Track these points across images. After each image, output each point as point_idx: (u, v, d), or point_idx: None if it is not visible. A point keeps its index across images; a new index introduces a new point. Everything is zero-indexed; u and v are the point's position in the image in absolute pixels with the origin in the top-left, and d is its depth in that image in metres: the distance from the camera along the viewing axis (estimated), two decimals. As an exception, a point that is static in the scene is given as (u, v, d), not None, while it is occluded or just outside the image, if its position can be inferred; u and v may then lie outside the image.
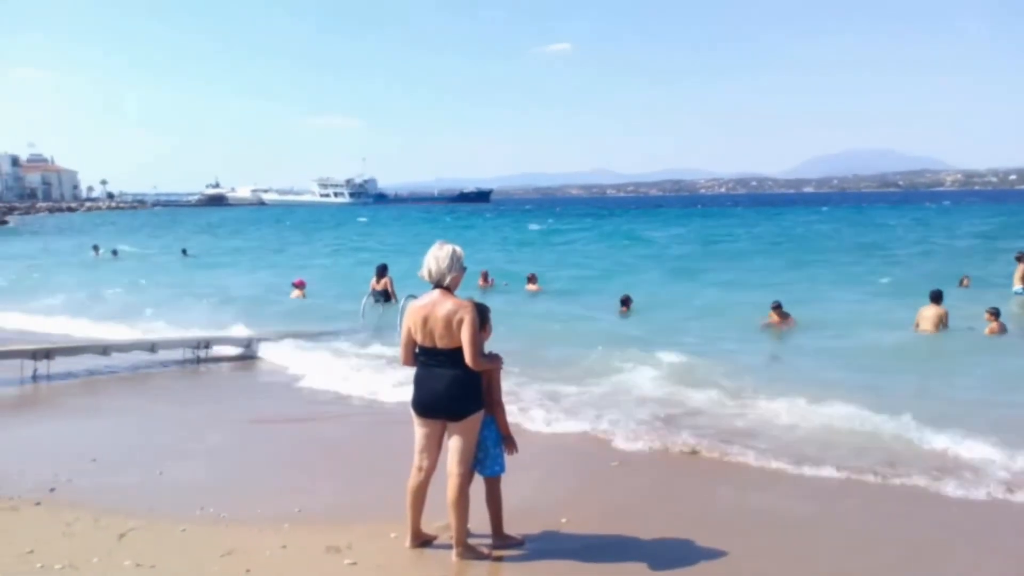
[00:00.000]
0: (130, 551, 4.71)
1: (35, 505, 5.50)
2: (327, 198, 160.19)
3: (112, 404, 9.04)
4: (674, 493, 6.02)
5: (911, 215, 67.55)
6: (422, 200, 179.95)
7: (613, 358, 10.32)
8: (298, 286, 18.04)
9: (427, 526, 4.84)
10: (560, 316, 14.97)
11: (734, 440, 7.06)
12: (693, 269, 24.80)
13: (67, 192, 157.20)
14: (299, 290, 17.90)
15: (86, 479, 6.12)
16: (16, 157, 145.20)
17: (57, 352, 10.17)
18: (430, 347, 4.56)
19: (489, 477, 4.79)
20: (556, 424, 7.69)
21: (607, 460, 6.70)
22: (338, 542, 4.85)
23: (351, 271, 24.97)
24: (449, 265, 4.62)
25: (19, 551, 4.68)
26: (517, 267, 23.81)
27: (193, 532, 5.05)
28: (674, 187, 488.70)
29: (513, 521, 4.91)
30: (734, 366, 10.07)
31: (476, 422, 4.61)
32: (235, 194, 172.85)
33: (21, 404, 9.04)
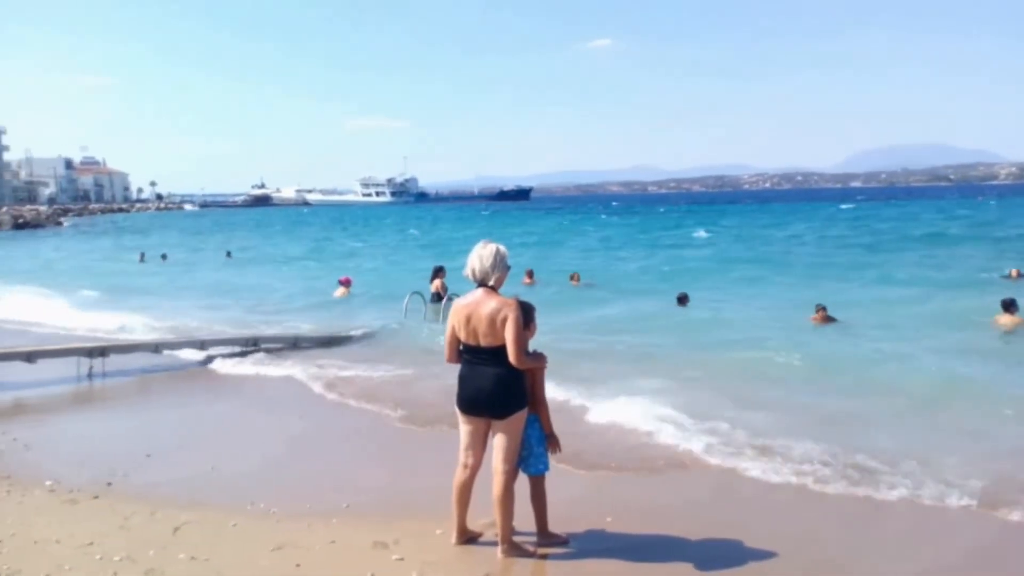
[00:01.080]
0: (185, 544, 4.84)
1: (94, 498, 5.68)
2: (369, 197, 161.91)
3: (164, 401, 9.28)
4: (723, 494, 5.96)
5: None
6: (462, 199, 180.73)
7: (666, 353, 10.30)
8: (344, 284, 18.25)
9: (473, 523, 4.88)
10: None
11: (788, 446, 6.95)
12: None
13: (118, 194, 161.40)
14: (344, 288, 18.11)
15: (141, 474, 6.30)
16: (70, 160, 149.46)
17: (112, 350, 10.48)
18: (474, 345, 4.60)
19: (533, 475, 4.81)
20: (600, 421, 7.67)
21: (655, 459, 6.67)
22: (385, 538, 4.92)
23: (397, 270, 25.24)
24: (493, 264, 4.64)
25: (79, 543, 4.84)
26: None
27: (244, 526, 5.17)
28: (717, 183, 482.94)
29: (558, 519, 4.92)
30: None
31: (520, 420, 4.63)
32: (280, 194, 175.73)
33: (78, 400, 9.33)
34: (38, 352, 10.11)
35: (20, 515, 5.32)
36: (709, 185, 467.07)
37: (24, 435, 7.41)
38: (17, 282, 21.06)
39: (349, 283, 18.35)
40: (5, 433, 7.43)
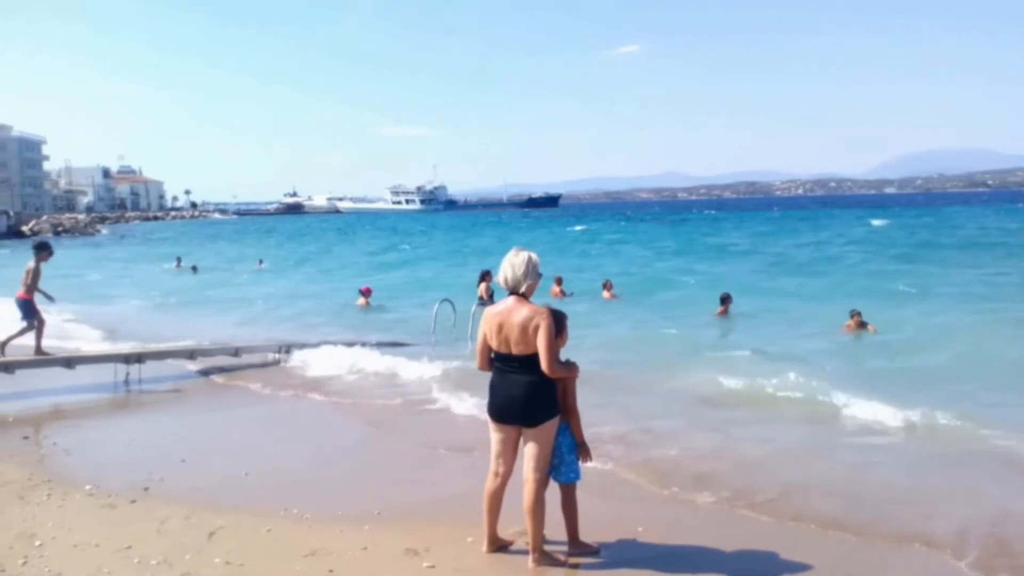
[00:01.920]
0: (220, 549, 4.91)
1: (131, 503, 5.77)
2: (399, 205, 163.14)
3: (199, 407, 9.42)
4: (754, 505, 5.89)
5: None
6: (491, 206, 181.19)
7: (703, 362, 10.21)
8: (364, 293, 18.35)
9: (503, 531, 4.89)
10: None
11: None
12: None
13: (154, 202, 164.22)
14: (364, 298, 18.21)
15: (177, 478, 6.39)
16: (107, 169, 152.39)
17: (148, 357, 10.67)
18: (505, 353, 4.60)
19: (564, 484, 4.80)
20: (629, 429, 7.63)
21: (687, 469, 6.62)
22: (416, 545, 4.94)
23: (419, 279, 25.33)
24: (525, 272, 4.65)
25: (118, 546, 4.93)
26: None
27: (278, 532, 5.22)
28: (748, 189, 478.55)
29: (589, 528, 4.90)
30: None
31: (551, 428, 4.62)
32: (312, 203, 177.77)
33: (115, 406, 9.49)
34: (77, 358, 10.33)
35: (61, 518, 5.43)
36: (740, 191, 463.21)
37: (64, 440, 7.57)
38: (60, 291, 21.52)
39: (369, 293, 18.45)
40: (46, 437, 7.60)
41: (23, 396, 9.38)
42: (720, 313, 15.24)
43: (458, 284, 20.50)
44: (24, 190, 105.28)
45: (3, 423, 8.29)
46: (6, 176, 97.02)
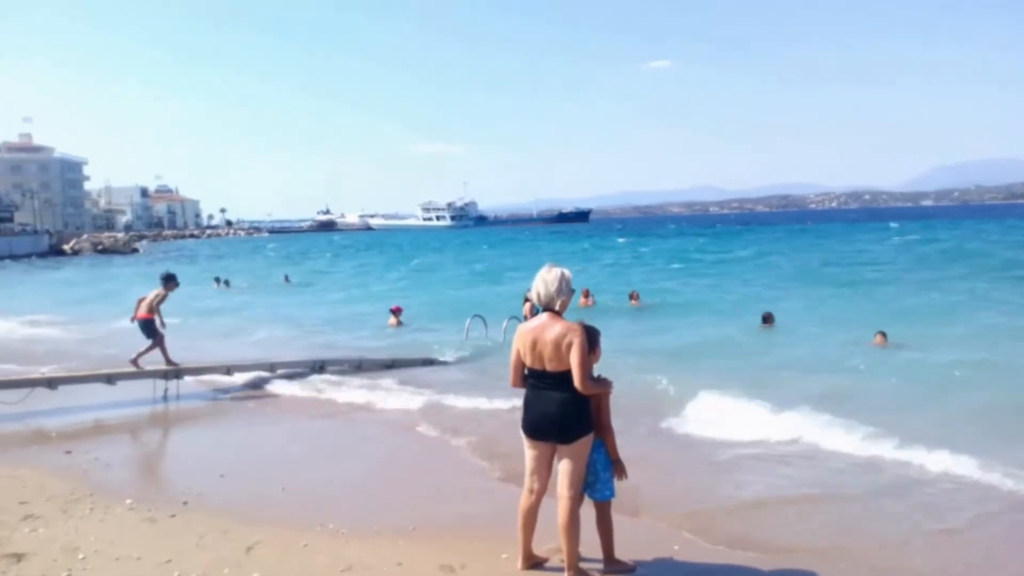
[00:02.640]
0: (257, 563, 4.96)
1: (171, 517, 5.86)
2: (430, 222, 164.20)
3: (236, 422, 9.55)
4: (794, 522, 5.81)
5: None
6: (521, 221, 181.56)
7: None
8: (395, 312, 18.45)
9: (538, 548, 4.87)
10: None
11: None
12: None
13: (190, 220, 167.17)
14: (395, 317, 18.31)
15: (215, 493, 6.48)
16: (145, 188, 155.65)
17: (186, 372, 10.85)
18: (539, 370, 4.61)
19: (599, 501, 4.79)
20: (661, 445, 7.59)
21: (726, 483, 6.55)
22: (451, 561, 4.95)
23: (447, 297, 25.41)
24: (558, 288, 4.65)
25: (158, 560, 5.01)
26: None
27: (314, 546, 5.26)
28: (781, 202, 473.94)
29: (625, 546, 4.88)
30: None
31: (586, 445, 4.61)
32: (344, 220, 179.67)
33: (155, 421, 9.66)
34: (117, 375, 10.53)
35: (103, 532, 5.53)
36: (774, 205, 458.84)
37: (105, 454, 7.71)
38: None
39: (399, 312, 18.54)
40: (87, 452, 7.74)
41: (66, 411, 9.58)
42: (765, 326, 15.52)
43: (492, 302, 20.59)
44: (66, 210, 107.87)
45: (47, 438, 8.47)
46: (49, 196, 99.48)
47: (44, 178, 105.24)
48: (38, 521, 5.73)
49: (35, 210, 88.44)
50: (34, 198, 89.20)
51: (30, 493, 6.39)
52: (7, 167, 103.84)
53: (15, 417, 9.18)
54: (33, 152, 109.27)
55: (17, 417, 9.18)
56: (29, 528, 5.59)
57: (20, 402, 9.40)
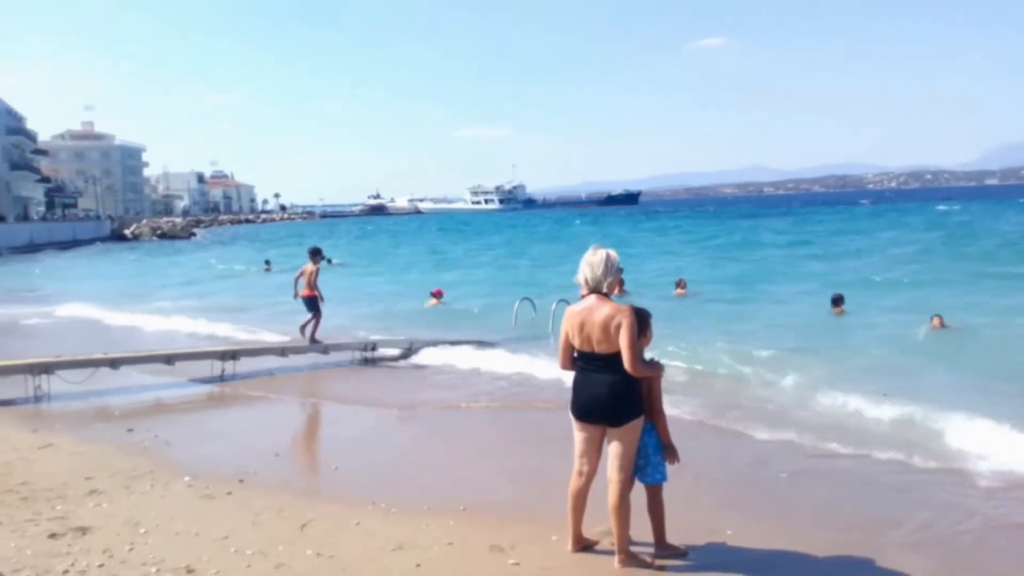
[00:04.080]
0: (311, 541, 5.04)
1: (227, 494, 5.99)
2: (478, 205, 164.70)
3: (290, 402, 9.74)
4: (848, 509, 5.68)
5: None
6: (570, 204, 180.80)
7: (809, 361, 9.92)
8: (435, 295, 18.52)
9: (588, 531, 4.85)
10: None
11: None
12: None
13: (245, 205, 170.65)
14: (435, 299, 18.38)
15: (270, 472, 6.61)
16: (202, 174, 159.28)
17: (242, 353, 11.09)
18: (588, 352, 4.56)
19: (650, 485, 4.73)
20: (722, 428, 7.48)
21: (778, 471, 6.44)
22: (501, 541, 4.96)
23: (491, 280, 25.42)
24: (605, 271, 4.59)
25: (216, 536, 5.13)
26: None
27: (366, 525, 5.33)
28: (838, 183, 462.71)
29: (676, 531, 4.82)
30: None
31: (636, 428, 4.56)
32: (394, 204, 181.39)
33: (212, 400, 9.91)
34: (176, 355, 10.81)
35: (163, 508, 5.68)
36: (829, 185, 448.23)
37: (164, 432, 7.93)
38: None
39: (440, 294, 18.60)
40: (148, 430, 7.97)
41: (127, 391, 9.88)
42: (837, 313, 14.86)
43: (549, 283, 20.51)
44: (126, 195, 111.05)
45: (110, 416, 8.75)
46: (110, 182, 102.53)
47: (106, 165, 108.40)
48: (102, 496, 5.92)
49: (97, 196, 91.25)
50: (96, 184, 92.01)
51: (94, 469, 6.60)
52: (71, 154, 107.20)
53: (80, 396, 9.49)
54: (95, 140, 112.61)
55: (82, 396, 9.50)
56: (94, 503, 5.78)
57: (84, 381, 9.72)
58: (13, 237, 56.22)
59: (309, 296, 11.82)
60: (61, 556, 4.80)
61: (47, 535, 5.13)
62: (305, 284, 11.84)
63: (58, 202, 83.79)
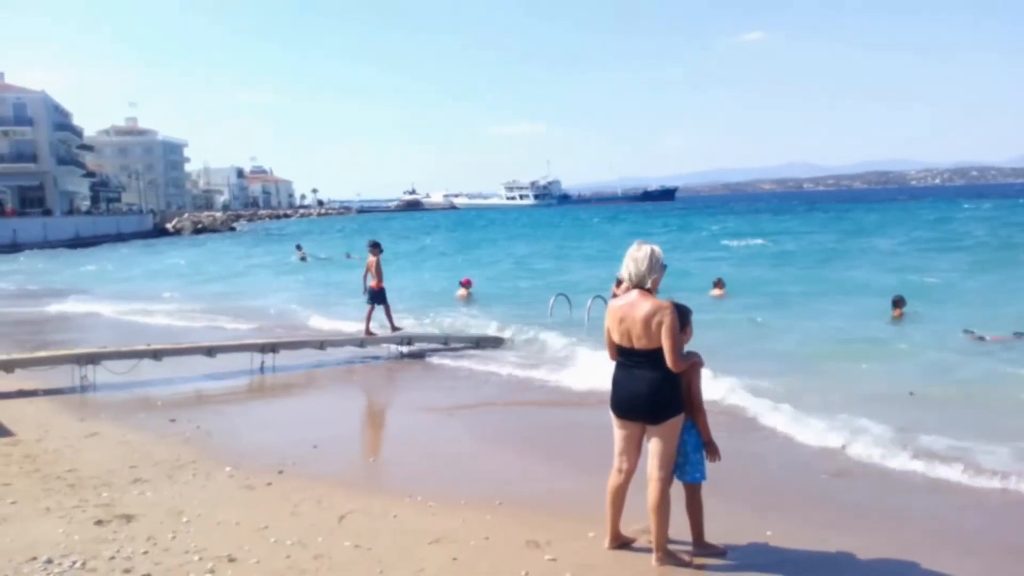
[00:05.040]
0: (349, 532, 5.08)
1: (267, 485, 6.07)
2: (513, 201, 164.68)
3: (329, 394, 9.85)
4: (895, 511, 5.57)
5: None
6: (605, 200, 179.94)
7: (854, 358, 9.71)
8: (464, 285, 18.50)
9: (626, 528, 4.82)
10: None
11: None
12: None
13: (283, 200, 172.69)
14: (465, 289, 18.35)
15: (309, 463, 6.68)
16: (241, 169, 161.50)
17: (281, 346, 11.24)
18: (628, 347, 4.52)
19: (689, 483, 4.69)
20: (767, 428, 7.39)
21: (819, 471, 6.34)
22: (538, 537, 4.95)
23: (524, 271, 25.39)
24: (649, 267, 4.54)
25: (256, 526, 5.20)
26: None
27: (403, 518, 5.36)
28: (880, 179, 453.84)
29: (715, 530, 4.77)
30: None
31: (676, 426, 4.51)
32: (429, 199, 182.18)
33: (252, 392, 10.06)
34: (217, 347, 10.99)
35: (205, 497, 5.78)
36: (871, 181, 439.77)
37: (206, 423, 8.06)
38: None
39: (470, 284, 18.57)
40: (190, 421, 8.11)
41: (170, 382, 10.07)
42: (896, 316, 13.95)
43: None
44: (168, 190, 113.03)
45: (153, 406, 8.92)
46: (153, 177, 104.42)
47: (148, 160, 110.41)
48: (146, 485, 6.04)
49: (140, 191, 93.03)
50: (139, 179, 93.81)
51: (138, 458, 6.74)
52: (115, 150, 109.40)
53: (124, 386, 9.69)
54: (138, 135, 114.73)
55: (126, 386, 9.70)
56: (138, 491, 5.89)
57: (128, 372, 9.92)
58: (60, 230, 57.57)
59: (378, 288, 12.31)
60: (107, 542, 4.90)
61: (94, 521, 5.25)
62: (372, 276, 12.36)
63: (102, 196, 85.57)
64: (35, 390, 9.44)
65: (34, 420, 8.08)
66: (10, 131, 64.94)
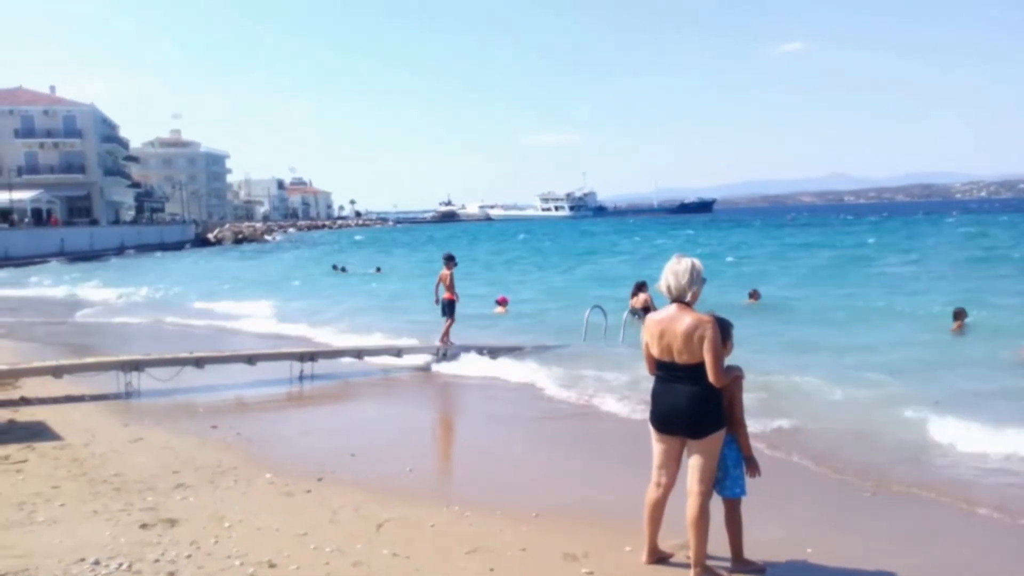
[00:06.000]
0: (388, 541, 5.12)
1: (306, 492, 6.15)
2: (548, 212, 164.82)
3: (366, 403, 9.95)
4: (933, 533, 5.45)
5: None
6: (641, 212, 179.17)
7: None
8: (501, 303, 18.54)
9: (664, 543, 4.78)
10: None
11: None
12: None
13: (322, 211, 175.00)
14: (502, 307, 18.39)
15: (347, 471, 6.74)
16: (281, 181, 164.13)
17: (320, 355, 11.38)
18: (668, 362, 4.50)
19: (729, 499, 4.64)
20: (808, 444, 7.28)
21: (861, 488, 6.23)
22: (575, 550, 4.94)
23: (563, 288, 25.29)
24: (689, 280, 4.52)
25: (296, 532, 5.26)
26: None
27: (441, 527, 5.38)
28: (923, 192, 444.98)
29: (755, 546, 4.71)
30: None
31: (717, 440, 4.48)
32: (465, 211, 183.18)
33: (291, 400, 10.19)
34: (257, 356, 11.17)
35: (245, 504, 5.87)
36: (914, 194, 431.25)
37: (246, 430, 8.19)
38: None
39: (506, 302, 18.60)
40: (231, 427, 8.25)
41: (212, 389, 10.25)
42: (956, 329, 13.50)
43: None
44: (209, 201, 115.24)
45: (195, 412, 9.09)
46: (195, 188, 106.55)
47: (191, 171, 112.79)
48: (188, 490, 6.15)
49: (183, 201, 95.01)
50: (182, 190, 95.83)
51: (181, 463, 6.87)
52: (160, 161, 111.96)
53: (166, 393, 9.89)
54: (182, 147, 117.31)
55: (168, 393, 9.90)
56: (181, 496, 6.01)
57: (171, 379, 10.12)
58: (106, 239, 59.10)
59: (449, 299, 12.65)
60: (152, 545, 5.00)
61: (139, 525, 5.36)
62: (445, 288, 12.71)
63: (146, 206, 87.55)
64: (82, 395, 9.69)
65: (81, 425, 8.29)
66: (60, 143, 66.95)
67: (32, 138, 66.29)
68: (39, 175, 64.84)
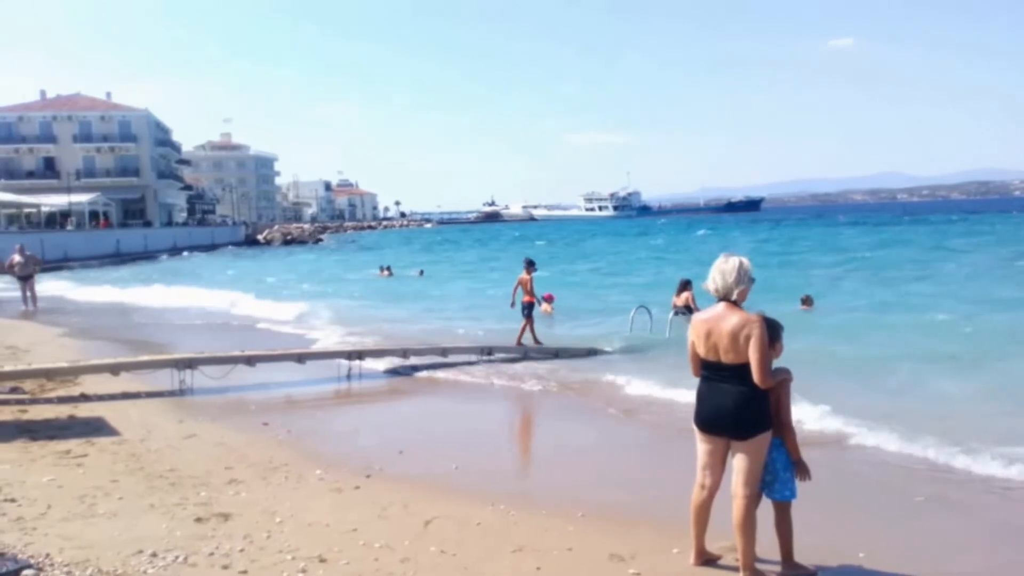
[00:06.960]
0: (435, 538, 5.18)
1: (355, 489, 6.24)
2: (592, 212, 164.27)
3: (412, 401, 10.05)
4: (990, 537, 5.31)
5: None
6: (687, 211, 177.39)
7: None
8: (547, 300, 18.53)
9: (712, 544, 4.75)
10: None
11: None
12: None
13: (368, 212, 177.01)
14: (548, 304, 18.38)
15: (395, 468, 6.83)
16: (329, 183, 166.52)
17: (367, 354, 11.53)
18: (714, 361, 4.47)
19: (779, 501, 4.58)
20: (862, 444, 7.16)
21: (915, 493, 6.09)
22: (621, 551, 4.93)
23: (608, 286, 25.19)
24: (737, 279, 4.48)
25: (345, 528, 5.35)
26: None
27: (487, 526, 5.42)
28: (980, 189, 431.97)
29: (805, 550, 4.64)
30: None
31: (763, 442, 4.42)
32: (508, 211, 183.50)
33: (339, 398, 10.35)
34: (307, 354, 11.37)
35: (296, 499, 5.98)
36: (971, 192, 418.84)
37: (297, 427, 8.34)
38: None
39: (552, 299, 18.58)
40: (282, 425, 8.41)
41: (263, 387, 10.46)
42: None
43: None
44: (259, 203, 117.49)
45: (247, 410, 9.29)
46: (245, 190, 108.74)
47: (241, 174, 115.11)
48: (241, 485, 6.30)
49: (233, 203, 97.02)
50: (232, 192, 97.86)
51: (234, 460, 7.03)
52: (211, 164, 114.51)
53: (219, 390, 10.12)
54: (232, 150, 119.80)
55: (221, 391, 10.12)
56: (233, 491, 6.15)
57: (223, 377, 10.35)
58: (159, 241, 60.71)
59: (529, 302, 13.27)
60: (206, 539, 5.14)
61: (193, 519, 5.50)
62: (524, 291, 13.38)
63: (198, 208, 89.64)
64: (138, 392, 9.97)
65: (137, 421, 8.53)
66: (116, 147, 69.01)
67: (90, 143, 68.56)
68: (96, 178, 66.90)
